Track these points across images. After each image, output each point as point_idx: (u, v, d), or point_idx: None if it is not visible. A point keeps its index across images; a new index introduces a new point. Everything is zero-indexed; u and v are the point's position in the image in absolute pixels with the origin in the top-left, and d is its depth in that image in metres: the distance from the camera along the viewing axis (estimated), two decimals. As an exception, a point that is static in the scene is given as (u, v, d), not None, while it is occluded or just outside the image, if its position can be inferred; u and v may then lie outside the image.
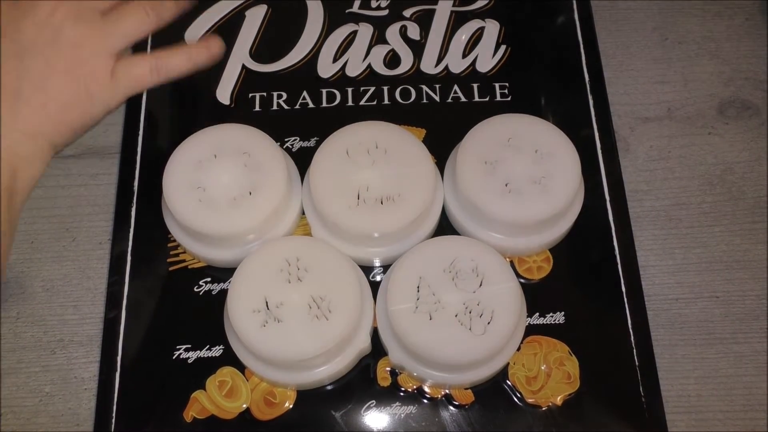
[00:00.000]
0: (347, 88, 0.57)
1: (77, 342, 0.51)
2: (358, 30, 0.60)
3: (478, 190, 0.48)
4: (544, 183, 0.48)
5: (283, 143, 0.55)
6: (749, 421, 0.48)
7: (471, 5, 0.61)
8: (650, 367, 0.48)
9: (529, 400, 0.47)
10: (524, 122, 0.51)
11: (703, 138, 0.57)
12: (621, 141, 0.57)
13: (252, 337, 0.44)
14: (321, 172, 0.49)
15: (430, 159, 0.50)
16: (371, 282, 0.50)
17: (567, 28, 0.60)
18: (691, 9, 0.62)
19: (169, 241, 0.52)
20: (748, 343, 0.50)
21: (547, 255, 0.51)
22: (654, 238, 0.54)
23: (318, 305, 0.45)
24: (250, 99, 0.57)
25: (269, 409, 0.47)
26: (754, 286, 0.52)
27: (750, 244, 0.53)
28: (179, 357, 0.49)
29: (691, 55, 0.60)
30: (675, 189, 0.55)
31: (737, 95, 0.59)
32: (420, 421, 0.47)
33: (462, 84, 0.57)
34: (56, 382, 0.50)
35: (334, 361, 0.46)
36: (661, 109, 0.58)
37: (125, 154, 0.55)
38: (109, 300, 0.51)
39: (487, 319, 0.45)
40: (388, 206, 0.48)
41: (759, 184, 0.55)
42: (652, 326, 0.50)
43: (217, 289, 0.51)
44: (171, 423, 0.47)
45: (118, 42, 0.47)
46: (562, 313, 0.50)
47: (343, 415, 0.47)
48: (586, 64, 0.58)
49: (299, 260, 0.46)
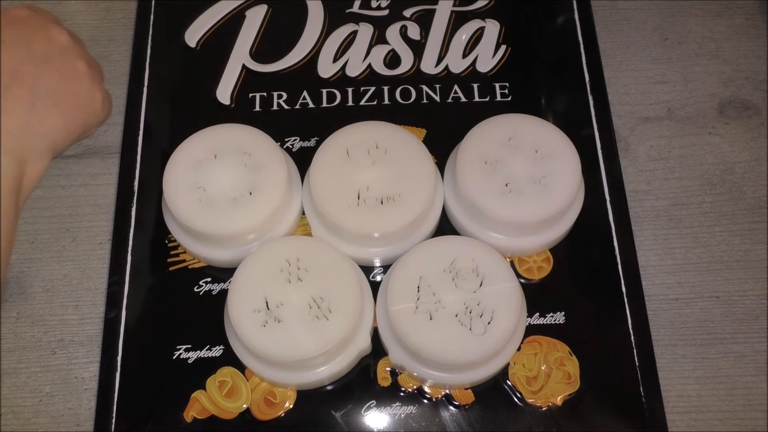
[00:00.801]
0: (347, 88, 0.57)
1: (77, 342, 0.51)
2: (358, 30, 0.60)
3: (478, 190, 0.48)
4: (544, 183, 0.48)
5: (283, 143, 0.55)
6: (749, 421, 0.48)
7: (471, 5, 0.61)
8: (650, 367, 0.48)
9: (529, 400, 0.47)
10: (524, 122, 0.51)
11: (703, 138, 0.57)
12: (621, 141, 0.57)
13: (252, 337, 0.44)
14: (321, 172, 0.49)
15: (430, 159, 0.50)
16: (371, 282, 0.50)
17: (567, 28, 0.60)
18: (691, 9, 0.62)
19: (169, 241, 0.52)
20: (748, 343, 0.50)
21: (547, 255, 0.51)
22: (654, 238, 0.54)
23: (318, 305, 0.45)
24: (250, 99, 0.57)
25: (269, 409, 0.47)
26: (754, 286, 0.52)
27: (750, 244, 0.53)
28: (179, 357, 0.49)
29: (691, 55, 0.60)
30: (675, 189, 0.55)
31: (737, 95, 0.59)
32: (420, 421, 0.47)
33: (462, 84, 0.57)
34: (56, 382, 0.50)
35: (334, 361, 0.46)
36: (661, 109, 0.58)
37: (125, 154, 0.55)
38: (109, 300, 0.51)
39: (488, 319, 0.45)
40: (389, 206, 0.48)
41: (759, 184, 0.55)
42: (652, 326, 0.50)
43: (217, 289, 0.51)
44: (171, 423, 0.47)
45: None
46: (562, 313, 0.50)
47: (343, 415, 0.47)
48: (586, 64, 0.58)
49: (299, 260, 0.46)
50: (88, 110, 0.51)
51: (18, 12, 0.51)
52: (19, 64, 0.48)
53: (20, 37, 0.49)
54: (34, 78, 0.48)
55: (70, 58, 0.51)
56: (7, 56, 0.48)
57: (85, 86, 0.51)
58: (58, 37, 0.51)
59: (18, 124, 0.46)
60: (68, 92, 0.50)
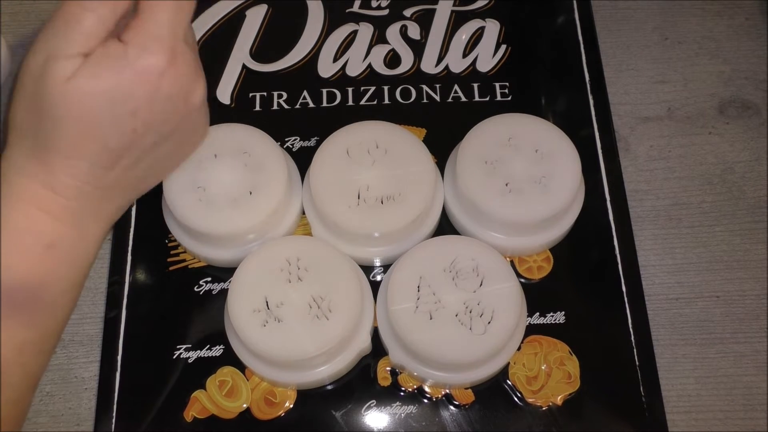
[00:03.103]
0: (347, 88, 0.57)
1: (77, 342, 0.51)
2: (358, 30, 0.60)
3: (479, 189, 0.48)
4: (544, 183, 0.48)
5: (283, 143, 0.55)
6: (749, 421, 0.48)
7: (471, 5, 0.61)
8: (650, 367, 0.48)
9: (529, 400, 0.47)
10: (524, 122, 0.51)
11: (703, 138, 0.57)
12: (621, 141, 0.57)
13: (252, 336, 0.44)
14: (321, 171, 0.49)
15: (431, 159, 0.50)
16: (371, 282, 0.50)
17: (567, 28, 0.60)
18: (691, 9, 0.62)
19: (170, 241, 0.52)
20: (748, 343, 0.50)
21: (547, 255, 0.51)
22: (654, 237, 0.54)
23: (318, 305, 0.45)
24: (250, 99, 0.57)
25: (269, 408, 0.47)
26: (754, 286, 0.52)
27: (750, 244, 0.53)
28: (179, 357, 0.49)
29: (691, 55, 0.60)
30: (675, 189, 0.55)
31: (737, 95, 0.59)
32: (420, 421, 0.47)
33: (462, 84, 0.57)
34: (56, 382, 0.50)
35: (334, 360, 0.46)
36: (661, 108, 0.58)
37: (125, 154, 0.55)
38: (109, 300, 0.51)
39: (488, 319, 0.45)
40: (389, 206, 0.48)
41: (759, 184, 0.55)
42: (652, 326, 0.50)
43: (217, 288, 0.51)
44: (171, 423, 0.47)
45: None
46: (562, 313, 0.50)
47: (343, 414, 0.47)
48: (586, 63, 0.59)
49: (299, 260, 0.46)
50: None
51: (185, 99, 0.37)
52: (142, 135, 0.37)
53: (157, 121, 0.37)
54: (144, 159, 0.38)
55: (193, 123, 0.40)
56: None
57: (197, 142, 0.42)
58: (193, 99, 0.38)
59: (111, 215, 0.40)
60: (178, 161, 0.42)
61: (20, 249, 0.35)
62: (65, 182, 0.35)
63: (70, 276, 0.38)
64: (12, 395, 0.36)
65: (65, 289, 0.37)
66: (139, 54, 0.34)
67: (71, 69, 0.33)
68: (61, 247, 0.36)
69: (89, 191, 0.36)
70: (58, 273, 0.37)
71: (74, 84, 0.33)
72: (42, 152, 0.35)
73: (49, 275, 0.36)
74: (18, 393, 0.36)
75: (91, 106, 0.34)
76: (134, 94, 0.34)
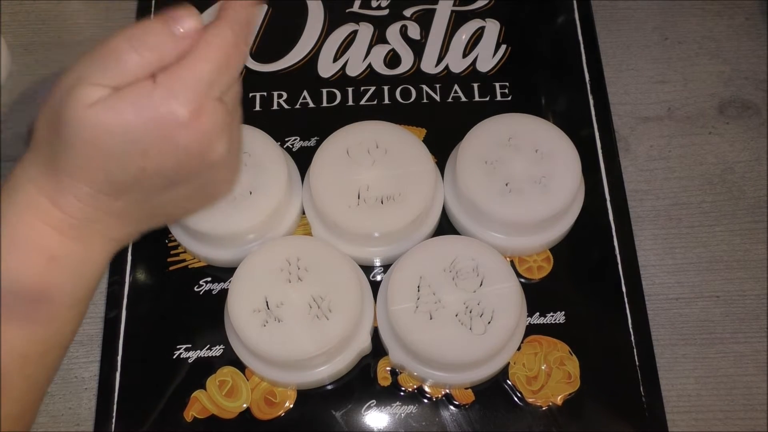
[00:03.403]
0: (347, 88, 0.57)
1: (77, 342, 0.51)
2: (358, 30, 0.60)
3: (479, 189, 0.48)
4: (544, 183, 0.48)
5: (283, 143, 0.55)
6: (749, 421, 0.48)
7: (471, 5, 0.61)
8: (650, 367, 0.48)
9: (529, 400, 0.47)
10: (524, 122, 0.51)
11: (703, 138, 0.57)
12: (621, 141, 0.57)
13: (252, 336, 0.44)
14: (321, 171, 0.49)
15: (430, 159, 0.50)
16: (371, 282, 0.50)
17: (567, 28, 0.60)
18: (691, 9, 0.62)
19: (170, 241, 0.52)
20: (748, 343, 0.50)
21: (547, 255, 0.51)
22: (654, 237, 0.54)
23: (318, 305, 0.45)
24: (250, 99, 0.57)
25: (269, 408, 0.47)
26: (754, 286, 0.52)
27: (750, 244, 0.53)
28: (179, 357, 0.49)
29: (691, 55, 0.60)
30: (675, 189, 0.55)
31: (737, 95, 0.59)
32: (420, 421, 0.47)
33: (462, 84, 0.57)
34: (56, 382, 0.50)
35: (334, 360, 0.46)
36: (661, 108, 0.58)
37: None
38: (109, 300, 0.51)
39: (488, 319, 0.45)
40: (389, 206, 0.48)
41: (759, 184, 0.55)
42: (652, 326, 0.50)
43: (217, 288, 0.51)
44: (171, 423, 0.47)
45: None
46: (562, 313, 0.50)
47: (343, 414, 0.47)
48: (586, 64, 0.59)
49: (299, 260, 0.46)
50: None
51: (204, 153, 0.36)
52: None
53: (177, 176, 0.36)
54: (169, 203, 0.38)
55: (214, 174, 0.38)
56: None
57: (219, 194, 0.40)
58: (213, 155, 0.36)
59: (121, 238, 0.39)
60: (198, 206, 0.41)
61: (23, 257, 0.35)
62: (71, 202, 0.35)
63: (75, 291, 0.37)
64: (15, 408, 0.36)
65: (70, 304, 0.37)
66: (164, 98, 0.33)
67: (96, 97, 0.33)
68: (65, 261, 0.36)
69: (95, 214, 0.36)
70: (63, 287, 0.36)
71: (93, 111, 0.33)
72: (52, 168, 0.35)
73: (53, 288, 0.36)
74: (21, 405, 0.36)
75: (103, 137, 0.33)
76: (148, 135, 0.33)
